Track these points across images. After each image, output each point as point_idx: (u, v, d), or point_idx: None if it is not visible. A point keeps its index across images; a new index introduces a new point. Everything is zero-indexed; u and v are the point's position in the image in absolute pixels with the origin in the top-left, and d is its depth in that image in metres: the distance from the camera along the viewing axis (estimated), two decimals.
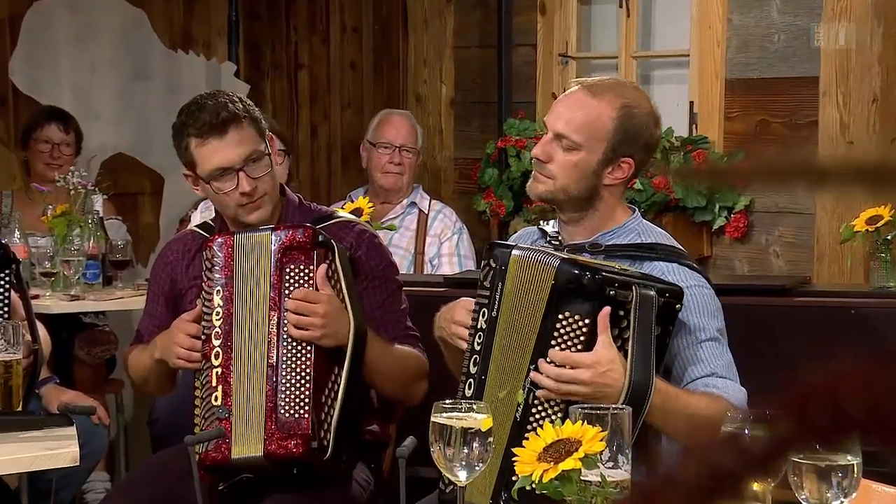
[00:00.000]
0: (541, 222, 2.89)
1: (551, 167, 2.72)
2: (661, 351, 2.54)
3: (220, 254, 2.91)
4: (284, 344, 2.85)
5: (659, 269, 2.70)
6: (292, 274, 2.88)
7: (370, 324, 2.97)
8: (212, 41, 6.24)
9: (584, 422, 2.02)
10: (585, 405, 2.13)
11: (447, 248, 5.05)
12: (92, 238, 4.86)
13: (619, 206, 2.79)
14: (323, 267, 2.87)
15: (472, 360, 2.65)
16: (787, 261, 4.98)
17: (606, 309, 2.48)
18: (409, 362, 3.04)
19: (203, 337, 2.90)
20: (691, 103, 5.20)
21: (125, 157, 5.99)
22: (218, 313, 2.89)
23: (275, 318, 2.86)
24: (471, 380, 2.64)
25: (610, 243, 2.75)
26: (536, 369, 2.52)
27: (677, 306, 2.55)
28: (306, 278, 2.88)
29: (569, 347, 2.51)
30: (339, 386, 2.87)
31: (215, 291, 2.90)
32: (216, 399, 2.86)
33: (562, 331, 2.51)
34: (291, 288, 2.87)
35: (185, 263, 3.13)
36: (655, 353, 2.51)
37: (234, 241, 2.92)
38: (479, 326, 2.65)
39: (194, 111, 2.96)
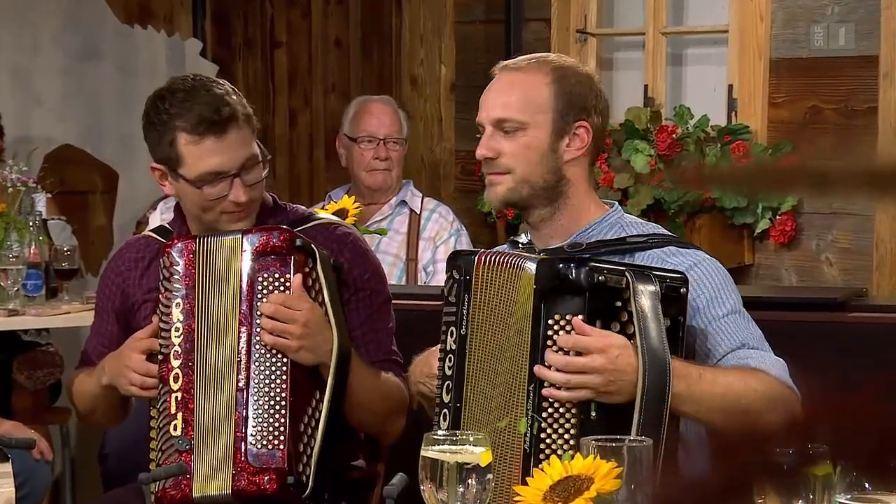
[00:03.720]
0: (511, 237, 2.94)
1: (504, 160, 2.81)
2: (673, 346, 2.57)
3: (179, 261, 2.93)
4: (256, 364, 2.87)
5: (653, 257, 2.76)
6: (265, 283, 2.89)
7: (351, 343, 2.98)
8: (174, 15, 6.26)
9: (596, 455, 2.03)
10: (600, 438, 2.14)
11: (443, 252, 5.02)
12: (33, 243, 4.87)
13: (592, 199, 2.85)
14: (299, 276, 2.89)
15: (445, 387, 2.67)
16: (842, 270, 4.99)
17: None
18: (391, 393, 3.05)
19: (160, 357, 2.91)
20: (730, 87, 5.21)
21: (72, 150, 6.00)
22: (178, 329, 2.91)
23: (244, 334, 2.88)
24: (445, 410, 2.67)
25: (592, 241, 2.80)
26: (536, 391, 2.53)
27: (682, 290, 2.59)
28: (281, 289, 2.89)
29: (566, 354, 2.54)
30: (320, 412, 2.89)
31: (174, 304, 2.92)
32: (175, 428, 2.87)
33: (555, 337, 2.54)
34: (264, 301, 2.88)
35: (139, 273, 3.13)
36: (668, 346, 2.54)
37: (195, 247, 2.94)
38: (448, 348, 2.68)
39: (183, 100, 2.94)
